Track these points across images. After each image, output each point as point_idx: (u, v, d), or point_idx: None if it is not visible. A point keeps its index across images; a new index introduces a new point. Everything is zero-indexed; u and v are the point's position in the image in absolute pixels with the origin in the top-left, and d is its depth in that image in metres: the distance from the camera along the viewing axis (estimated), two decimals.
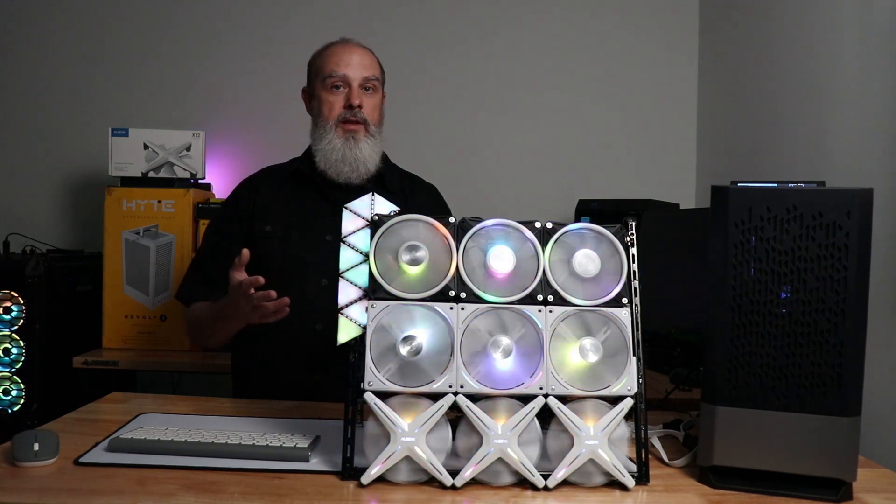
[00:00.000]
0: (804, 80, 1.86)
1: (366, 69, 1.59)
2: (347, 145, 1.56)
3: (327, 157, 1.57)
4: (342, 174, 1.57)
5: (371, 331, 1.00)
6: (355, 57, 1.59)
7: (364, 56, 1.61)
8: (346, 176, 1.57)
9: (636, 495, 0.98)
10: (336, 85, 1.58)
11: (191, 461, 1.02)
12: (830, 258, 0.96)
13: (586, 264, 1.03)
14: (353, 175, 1.57)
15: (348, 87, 1.58)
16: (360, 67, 1.58)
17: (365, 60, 1.60)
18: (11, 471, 0.99)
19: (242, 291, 1.30)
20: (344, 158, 1.56)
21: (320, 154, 1.58)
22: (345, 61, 1.58)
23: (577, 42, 2.64)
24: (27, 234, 2.35)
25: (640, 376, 1.02)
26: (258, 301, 1.29)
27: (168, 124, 2.44)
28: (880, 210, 1.14)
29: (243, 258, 1.34)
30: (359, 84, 1.58)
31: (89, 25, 2.63)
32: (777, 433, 0.98)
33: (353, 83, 1.57)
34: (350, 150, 1.56)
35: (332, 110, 1.58)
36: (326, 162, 1.57)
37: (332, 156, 1.56)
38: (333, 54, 1.60)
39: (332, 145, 1.56)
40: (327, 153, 1.57)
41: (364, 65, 1.59)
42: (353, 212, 1.06)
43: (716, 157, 2.49)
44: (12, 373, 2.05)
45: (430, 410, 0.97)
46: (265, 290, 1.29)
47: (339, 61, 1.58)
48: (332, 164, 1.57)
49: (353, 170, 1.56)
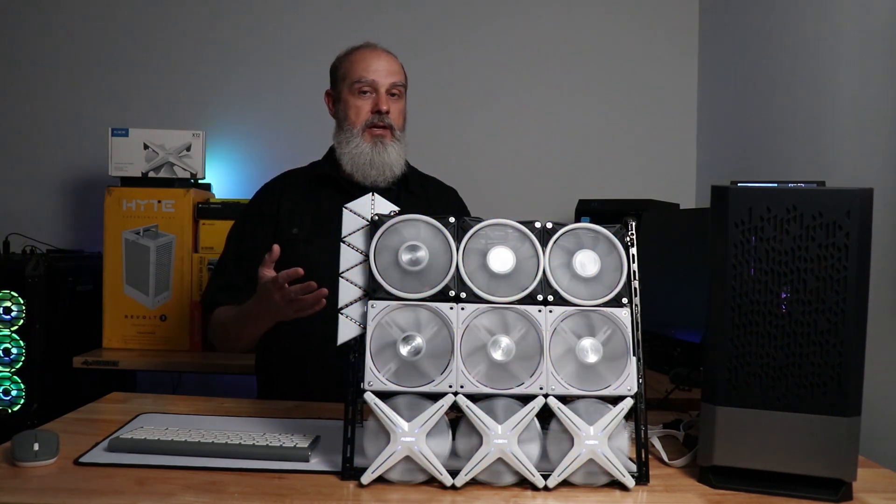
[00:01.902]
0: (804, 80, 1.86)
1: (393, 75, 1.60)
2: (376, 150, 1.57)
3: (355, 160, 1.58)
4: (369, 177, 1.58)
5: (371, 331, 1.00)
6: (383, 62, 1.60)
7: (391, 62, 1.62)
8: (373, 179, 1.58)
9: (636, 495, 0.98)
10: (364, 90, 1.59)
11: (191, 461, 1.02)
12: (830, 258, 0.96)
13: (586, 264, 1.03)
14: (380, 179, 1.58)
15: (376, 92, 1.58)
16: (387, 73, 1.59)
17: (392, 67, 1.61)
18: (11, 471, 0.99)
19: (278, 285, 1.29)
20: (372, 163, 1.57)
21: (347, 157, 1.58)
22: (373, 67, 1.59)
23: (578, 42, 2.65)
24: (27, 234, 2.35)
25: (640, 376, 1.02)
26: (296, 294, 1.28)
27: (168, 124, 2.44)
28: (880, 210, 1.14)
29: (274, 254, 1.33)
30: (386, 90, 1.59)
31: (89, 25, 2.64)
32: (777, 433, 0.98)
33: (381, 89, 1.58)
34: (378, 155, 1.57)
35: (359, 115, 1.58)
36: (354, 165, 1.58)
37: (361, 160, 1.57)
38: (362, 59, 1.60)
39: (360, 149, 1.57)
40: (355, 157, 1.58)
41: (392, 71, 1.61)
42: (353, 212, 1.06)
43: (716, 157, 2.49)
44: (12, 373, 2.05)
45: (430, 410, 0.97)
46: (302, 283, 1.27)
47: (367, 67, 1.59)
48: (360, 168, 1.58)
49: (380, 173, 1.58)
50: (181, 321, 2.20)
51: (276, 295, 1.31)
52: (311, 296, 1.28)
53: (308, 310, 1.31)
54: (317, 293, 1.28)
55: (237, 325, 1.50)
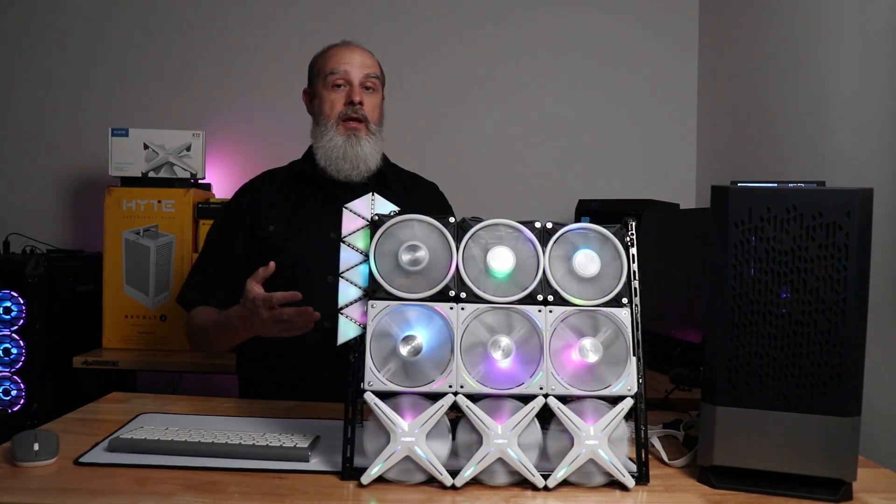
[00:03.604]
0: (804, 80, 1.86)
1: (366, 67, 1.60)
2: (349, 142, 1.56)
3: (328, 154, 1.57)
4: (342, 171, 1.57)
5: (371, 331, 1.00)
6: (356, 56, 1.61)
7: (365, 56, 1.63)
8: (347, 173, 1.57)
9: (636, 495, 0.98)
10: (337, 83, 1.59)
11: (191, 461, 1.02)
12: (830, 258, 0.96)
13: (586, 264, 1.03)
14: (354, 172, 1.57)
15: (349, 84, 1.59)
16: (360, 66, 1.60)
17: (366, 60, 1.62)
18: (11, 471, 0.99)
19: (269, 304, 1.26)
20: (345, 155, 1.56)
21: (321, 152, 1.58)
22: (346, 60, 1.59)
23: (578, 42, 2.65)
24: (27, 234, 2.35)
25: (640, 376, 1.02)
26: (289, 317, 1.26)
27: (168, 124, 2.44)
28: (880, 210, 1.14)
29: (269, 270, 1.30)
30: (359, 82, 1.59)
31: (89, 25, 2.64)
32: (777, 433, 0.98)
33: (354, 81, 1.58)
34: (351, 148, 1.56)
35: (333, 108, 1.58)
36: (327, 159, 1.57)
37: (333, 153, 1.57)
38: (335, 54, 1.62)
39: (334, 142, 1.57)
40: (328, 150, 1.57)
41: (365, 63, 1.61)
42: (353, 212, 1.06)
43: (716, 157, 2.49)
44: (12, 373, 2.05)
45: (430, 410, 0.97)
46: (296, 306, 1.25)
47: (340, 60, 1.59)
48: (333, 161, 1.57)
49: (354, 167, 1.57)
50: (181, 321, 2.20)
51: (264, 313, 1.28)
52: (302, 319, 1.27)
53: (295, 332, 1.30)
54: (309, 317, 1.26)
55: (216, 332, 1.48)
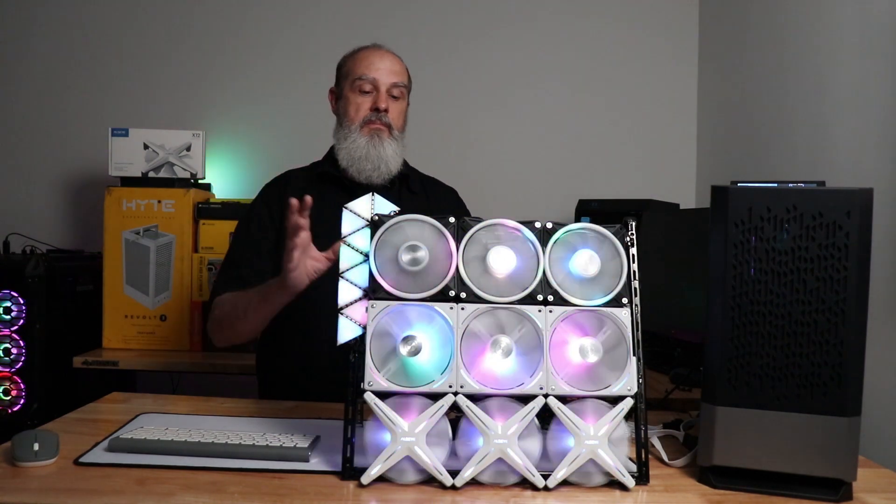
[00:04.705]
0: (804, 80, 1.86)
1: (395, 75, 1.60)
2: (371, 143, 1.57)
3: (350, 154, 1.58)
4: (363, 172, 1.57)
5: (371, 331, 1.00)
6: (386, 62, 1.61)
7: (394, 63, 1.63)
8: (368, 174, 1.57)
9: (636, 495, 0.98)
10: (365, 89, 1.59)
11: (191, 461, 1.02)
12: (830, 258, 0.96)
13: (586, 264, 1.03)
14: (375, 174, 1.57)
15: (376, 90, 1.59)
16: (389, 73, 1.60)
17: (395, 67, 1.62)
18: (11, 471, 0.99)
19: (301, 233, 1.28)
20: (367, 156, 1.57)
21: (343, 152, 1.59)
22: (375, 66, 1.59)
23: (578, 42, 2.65)
24: (27, 234, 2.35)
25: (640, 376, 1.02)
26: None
27: (168, 124, 2.44)
28: (880, 210, 1.14)
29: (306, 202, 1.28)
30: (387, 89, 1.59)
31: (90, 26, 2.64)
32: (777, 433, 0.98)
33: (382, 88, 1.59)
34: (374, 149, 1.57)
35: (358, 111, 1.59)
36: (349, 160, 1.58)
37: (356, 153, 1.57)
38: (365, 58, 1.61)
39: (357, 143, 1.57)
40: (351, 151, 1.58)
41: (394, 71, 1.61)
42: (353, 212, 1.06)
43: (716, 157, 2.49)
44: (12, 373, 2.05)
45: (430, 410, 0.97)
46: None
47: (369, 65, 1.59)
48: (355, 162, 1.57)
49: (375, 168, 1.57)
50: (181, 321, 2.20)
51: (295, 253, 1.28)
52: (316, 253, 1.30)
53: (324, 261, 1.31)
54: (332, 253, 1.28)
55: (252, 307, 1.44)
